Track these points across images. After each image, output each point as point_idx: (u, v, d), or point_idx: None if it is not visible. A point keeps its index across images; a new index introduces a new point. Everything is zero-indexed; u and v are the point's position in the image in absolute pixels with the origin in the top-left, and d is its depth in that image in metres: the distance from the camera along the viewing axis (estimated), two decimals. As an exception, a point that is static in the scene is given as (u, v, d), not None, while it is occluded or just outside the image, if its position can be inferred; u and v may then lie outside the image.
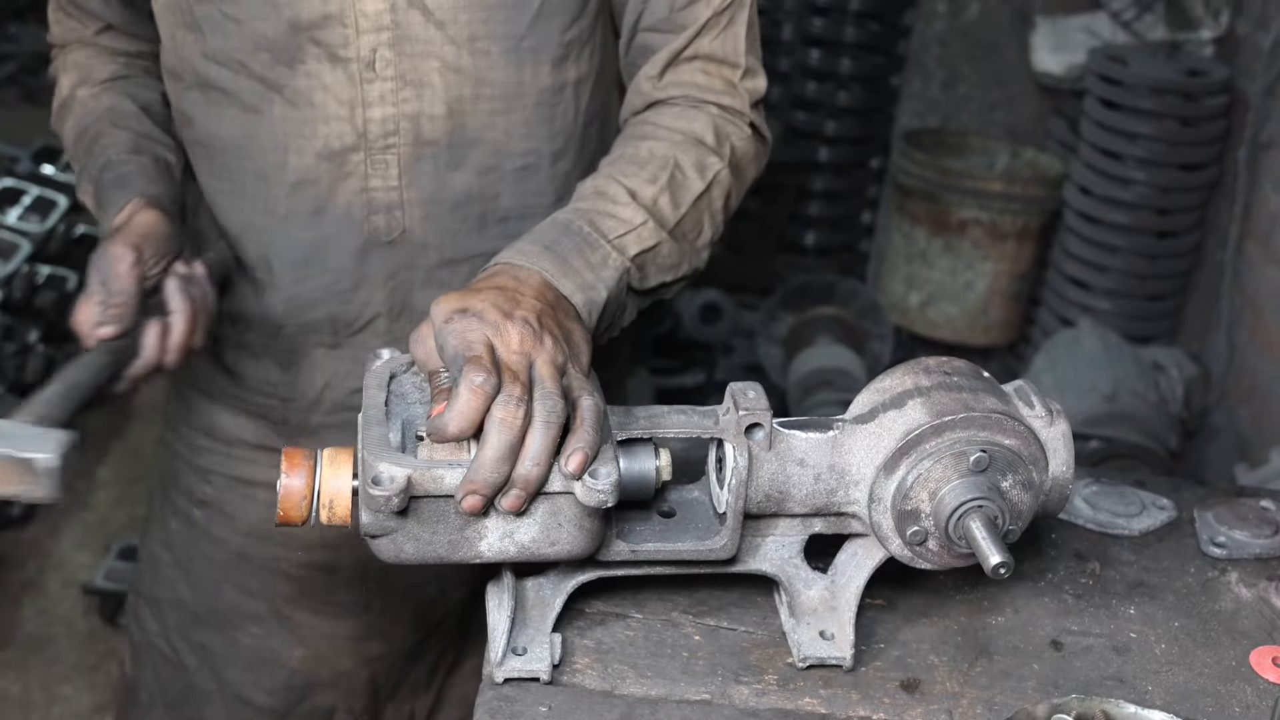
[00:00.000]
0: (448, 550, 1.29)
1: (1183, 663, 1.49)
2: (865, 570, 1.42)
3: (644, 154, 1.69)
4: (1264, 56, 4.35)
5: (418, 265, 1.83)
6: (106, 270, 1.56)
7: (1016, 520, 1.37)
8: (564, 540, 1.30)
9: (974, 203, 4.99)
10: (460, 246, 1.83)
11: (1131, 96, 4.55)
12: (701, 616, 1.49)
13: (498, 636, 1.37)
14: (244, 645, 2.07)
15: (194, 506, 2.05)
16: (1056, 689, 1.43)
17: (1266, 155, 4.35)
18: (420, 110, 1.75)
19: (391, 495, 1.22)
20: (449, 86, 1.74)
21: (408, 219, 1.80)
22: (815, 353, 4.89)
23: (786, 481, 1.36)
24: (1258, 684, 1.46)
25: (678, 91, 1.78)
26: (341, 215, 1.79)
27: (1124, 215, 4.65)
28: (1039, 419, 1.38)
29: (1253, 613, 1.58)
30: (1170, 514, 1.73)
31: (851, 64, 5.43)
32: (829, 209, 5.64)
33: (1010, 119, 5.53)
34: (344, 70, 1.72)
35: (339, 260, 1.82)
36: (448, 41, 1.72)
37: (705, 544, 1.38)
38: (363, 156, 1.76)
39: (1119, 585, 1.61)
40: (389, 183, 1.77)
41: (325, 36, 1.70)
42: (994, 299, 5.12)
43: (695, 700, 1.38)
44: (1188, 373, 4.50)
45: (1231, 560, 1.67)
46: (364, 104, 1.73)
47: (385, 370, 1.42)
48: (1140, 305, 4.78)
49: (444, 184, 1.79)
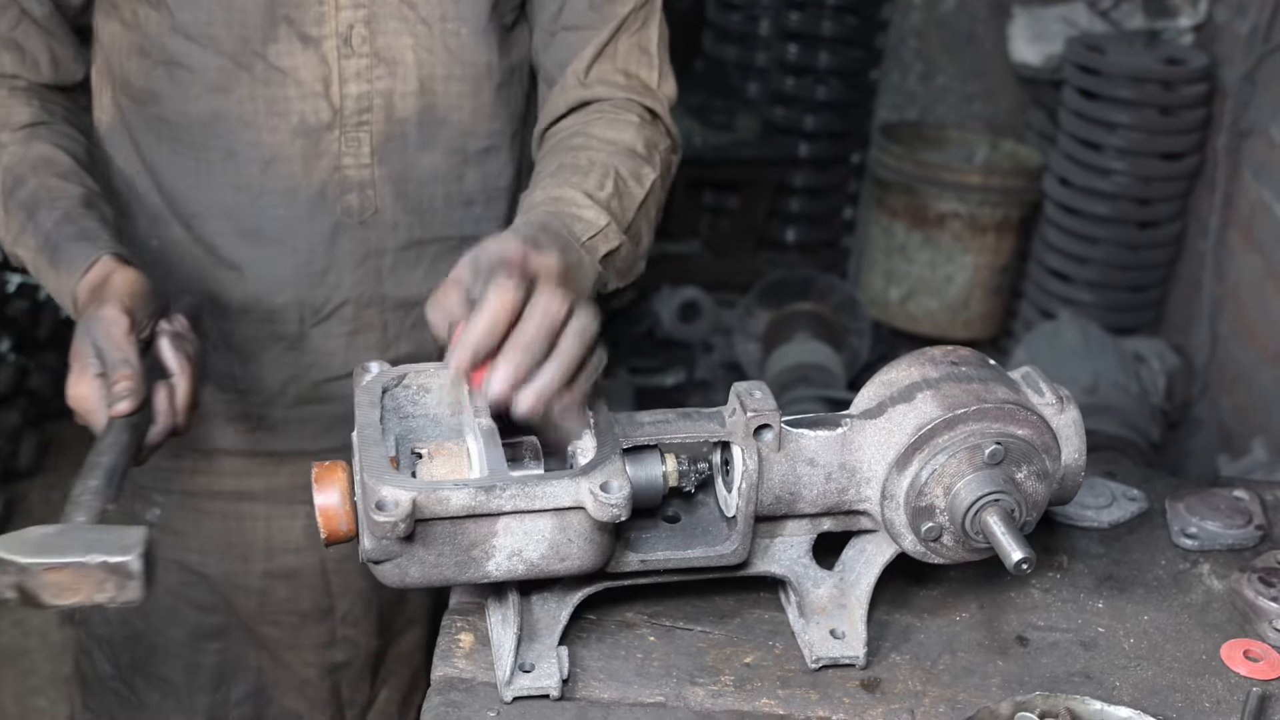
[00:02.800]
0: (455, 571, 1.25)
1: (1152, 657, 1.45)
2: (876, 567, 1.39)
3: (584, 162, 1.70)
4: (1243, 43, 4.32)
5: (387, 248, 1.82)
6: (101, 338, 1.46)
7: (1032, 511, 1.34)
8: (574, 556, 1.26)
9: (953, 195, 4.96)
10: (428, 226, 1.83)
11: (1110, 86, 4.53)
12: (657, 617, 1.45)
13: (504, 654, 1.32)
14: (206, 666, 2.02)
15: None
16: (1021, 686, 1.39)
17: (1247, 143, 4.32)
18: (393, 88, 1.76)
19: (397, 521, 1.17)
20: (421, 65, 1.76)
21: (379, 198, 1.80)
22: (792, 349, 4.86)
23: (797, 482, 1.33)
24: (1229, 678, 1.43)
25: (604, 91, 1.81)
26: (315, 193, 1.78)
27: (1104, 206, 4.62)
28: (1050, 406, 1.36)
29: (1224, 605, 1.54)
30: (1141, 505, 1.70)
31: (829, 58, 5.40)
32: (809, 205, 5.61)
33: (989, 111, 5.51)
34: (315, 49, 1.72)
35: (310, 241, 1.80)
36: (420, 21, 1.74)
37: (716, 550, 1.34)
38: (337, 134, 1.76)
39: (1087, 579, 1.57)
40: (361, 160, 1.78)
41: (299, 15, 1.71)
42: (974, 292, 5.09)
43: (649, 703, 1.35)
44: (1170, 364, 4.47)
45: (1203, 551, 1.63)
46: (340, 80, 1.74)
47: (377, 385, 1.37)
48: (1122, 296, 4.75)
49: (413, 163, 1.80)
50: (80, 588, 1.22)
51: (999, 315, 5.23)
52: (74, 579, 1.21)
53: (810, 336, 4.94)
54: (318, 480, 1.28)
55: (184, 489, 1.96)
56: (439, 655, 1.39)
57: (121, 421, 1.43)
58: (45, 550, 1.22)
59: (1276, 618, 1.49)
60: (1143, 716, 1.32)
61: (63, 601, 1.22)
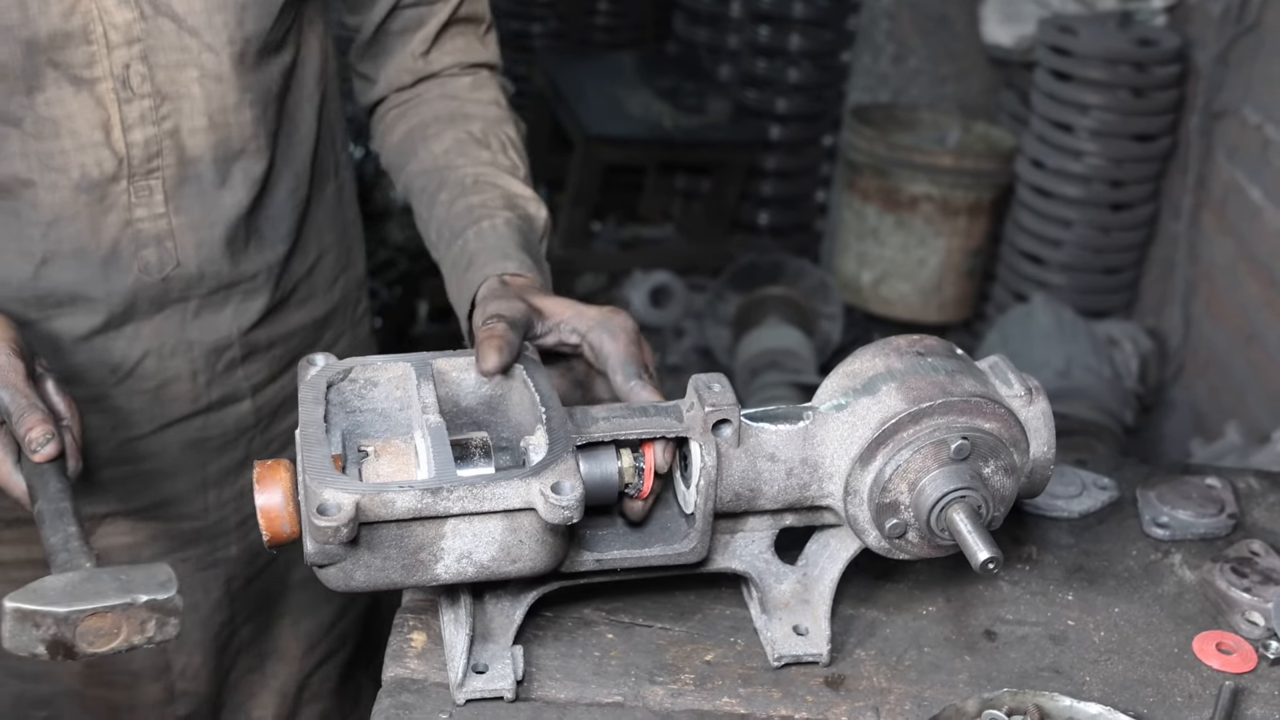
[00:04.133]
0: (402, 575, 1.20)
1: (1122, 651, 1.42)
2: (840, 562, 1.36)
3: (479, 133, 1.70)
4: (1215, 24, 4.30)
5: (191, 297, 1.69)
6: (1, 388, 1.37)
7: (1000, 507, 1.30)
8: (526, 557, 1.22)
9: (925, 178, 4.93)
10: (237, 266, 1.71)
11: (1082, 67, 4.50)
12: (616, 614, 1.41)
13: (456, 656, 1.28)
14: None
15: None
16: (989, 682, 1.36)
17: (1219, 124, 4.30)
18: (179, 125, 1.60)
19: (340, 525, 1.13)
20: (210, 97, 1.60)
21: (180, 250, 1.65)
22: (763, 333, 4.83)
23: (757, 478, 1.29)
24: (1201, 671, 1.40)
25: (449, 61, 1.79)
26: (107, 253, 1.63)
27: (1077, 188, 4.60)
28: (1018, 398, 1.32)
29: (1196, 596, 1.51)
30: (1112, 494, 1.66)
31: (801, 40, 5.37)
32: (781, 188, 5.58)
33: (961, 93, 5.48)
34: (90, 92, 1.55)
35: (104, 303, 1.65)
36: (205, 49, 1.58)
37: (674, 548, 1.30)
38: (125, 185, 1.60)
39: (1057, 570, 1.54)
40: (155, 210, 1.62)
41: (65, 57, 1.52)
42: (947, 275, 5.07)
43: (607, 703, 1.31)
44: (1143, 347, 4.46)
45: (1175, 541, 1.60)
46: (123, 126, 1.57)
47: (322, 380, 1.32)
48: (1095, 279, 4.73)
49: (213, 204, 1.66)
50: (121, 630, 1.20)
51: (972, 298, 5.21)
52: (115, 623, 1.19)
53: (781, 321, 4.91)
54: (259, 480, 1.23)
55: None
56: (390, 655, 1.35)
57: (50, 466, 1.36)
58: (79, 598, 1.19)
59: (1249, 609, 1.46)
60: (1113, 712, 1.29)
61: (99, 649, 1.20)
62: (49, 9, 1.49)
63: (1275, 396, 3.74)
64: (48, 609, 1.18)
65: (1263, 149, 3.93)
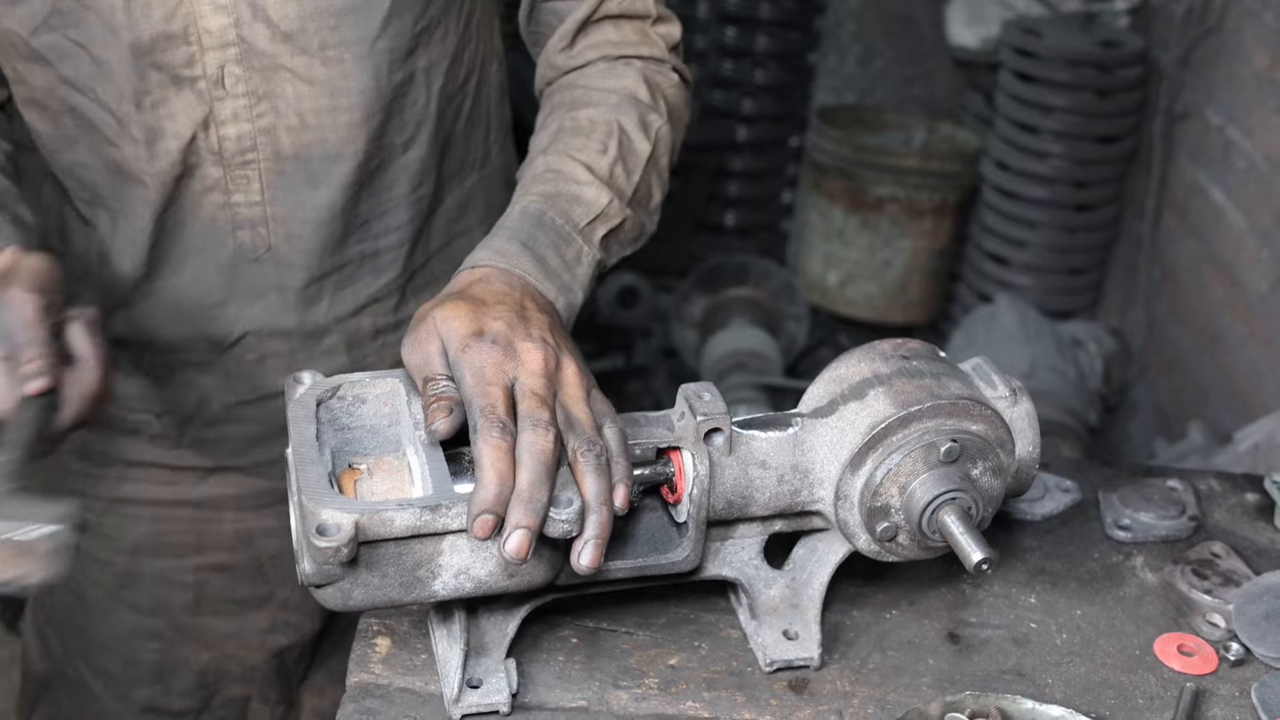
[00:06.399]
0: (400, 593, 1.19)
1: (1084, 653, 1.43)
2: (829, 566, 1.37)
3: (584, 123, 1.63)
4: (1177, 26, 4.32)
5: (287, 285, 1.75)
6: (9, 319, 1.40)
7: (989, 507, 1.32)
8: (523, 572, 1.22)
9: (890, 180, 4.94)
10: (326, 263, 1.75)
11: (1046, 69, 4.51)
12: (580, 618, 1.41)
13: (451, 671, 1.28)
14: (147, 663, 1.99)
15: (75, 532, 1.94)
16: (952, 685, 1.37)
17: (1182, 126, 4.32)
18: (276, 124, 1.65)
19: (340, 545, 1.12)
20: (302, 98, 1.65)
21: (272, 236, 1.72)
22: (729, 335, 4.83)
23: (749, 486, 1.29)
24: (1162, 673, 1.41)
25: (594, 54, 1.73)
26: (205, 229, 1.71)
27: (1041, 189, 4.61)
28: (1003, 399, 1.34)
29: (1158, 598, 1.52)
30: (1074, 496, 1.67)
31: (767, 41, 5.37)
32: (748, 189, 5.58)
33: (927, 94, 5.49)
34: (190, 89, 1.62)
35: (205, 276, 1.74)
36: (298, 52, 1.62)
37: (668, 557, 1.30)
38: (222, 172, 1.67)
39: (1019, 573, 1.55)
40: (251, 198, 1.69)
41: (167, 59, 1.60)
42: (913, 276, 5.08)
43: (571, 708, 1.31)
44: (1107, 348, 4.48)
45: (1137, 543, 1.61)
46: (217, 122, 1.64)
47: (311, 398, 1.31)
48: (1060, 280, 4.75)
49: (305, 202, 1.70)
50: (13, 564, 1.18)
51: (937, 299, 5.23)
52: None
53: (747, 322, 4.91)
54: None
55: (111, 495, 1.92)
56: (354, 661, 1.34)
57: (32, 402, 1.37)
58: None
59: (1210, 611, 1.47)
60: (1075, 715, 1.29)
61: None
62: (151, 13, 1.57)
63: (1238, 397, 3.76)
64: None
65: (1225, 151, 3.96)
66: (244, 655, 2.03)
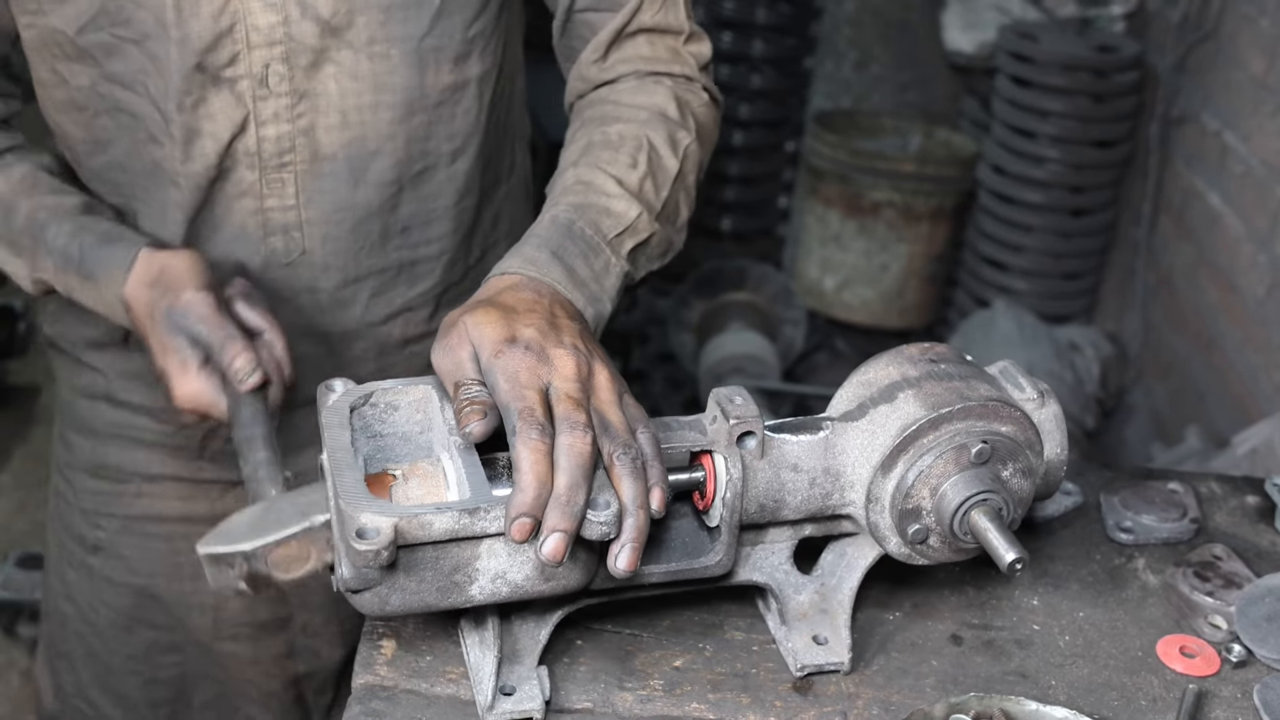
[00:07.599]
0: (437, 597, 1.20)
1: (1087, 655, 1.43)
2: (858, 570, 1.37)
3: (615, 137, 1.63)
4: (1173, 31, 4.33)
5: (319, 287, 1.75)
6: (196, 324, 1.44)
7: (1018, 508, 1.32)
8: (560, 575, 1.22)
9: (887, 184, 4.94)
10: (362, 265, 1.75)
11: (1043, 74, 4.52)
12: (584, 619, 1.41)
13: (484, 678, 1.27)
14: (164, 680, 1.99)
15: (88, 554, 1.95)
16: (956, 686, 1.37)
17: (1178, 130, 4.33)
18: (315, 123, 1.66)
19: (380, 549, 1.12)
20: (345, 95, 1.65)
21: (307, 240, 1.71)
22: (727, 339, 4.83)
23: (781, 489, 1.29)
24: (1165, 675, 1.41)
25: (626, 69, 1.73)
26: (236, 235, 1.70)
27: (1038, 194, 4.62)
28: (1030, 401, 1.35)
29: (1160, 600, 1.52)
30: (1076, 499, 1.68)
31: (763, 46, 5.36)
32: (744, 194, 5.57)
33: (923, 99, 5.50)
34: (230, 90, 1.62)
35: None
36: (344, 46, 1.62)
37: (701, 561, 1.30)
38: (257, 176, 1.67)
39: (1022, 575, 1.55)
40: (286, 202, 1.69)
41: (212, 58, 1.60)
42: (909, 281, 5.08)
43: (577, 709, 1.31)
44: (1104, 352, 4.48)
45: (1139, 546, 1.61)
46: (257, 123, 1.64)
47: (344, 405, 1.31)
48: (1056, 284, 4.76)
49: (344, 202, 1.70)
50: (310, 554, 1.22)
51: (934, 304, 5.23)
52: (302, 548, 1.21)
53: (745, 327, 4.91)
54: None
55: (127, 513, 1.91)
56: (360, 663, 1.34)
57: (249, 395, 1.41)
58: (261, 531, 1.21)
59: (1212, 613, 1.47)
60: (1078, 716, 1.30)
61: (295, 574, 1.22)
62: (200, 9, 1.57)
63: (1235, 401, 3.77)
64: (234, 549, 1.20)
65: (1221, 155, 3.97)
66: (262, 680, 2.02)
